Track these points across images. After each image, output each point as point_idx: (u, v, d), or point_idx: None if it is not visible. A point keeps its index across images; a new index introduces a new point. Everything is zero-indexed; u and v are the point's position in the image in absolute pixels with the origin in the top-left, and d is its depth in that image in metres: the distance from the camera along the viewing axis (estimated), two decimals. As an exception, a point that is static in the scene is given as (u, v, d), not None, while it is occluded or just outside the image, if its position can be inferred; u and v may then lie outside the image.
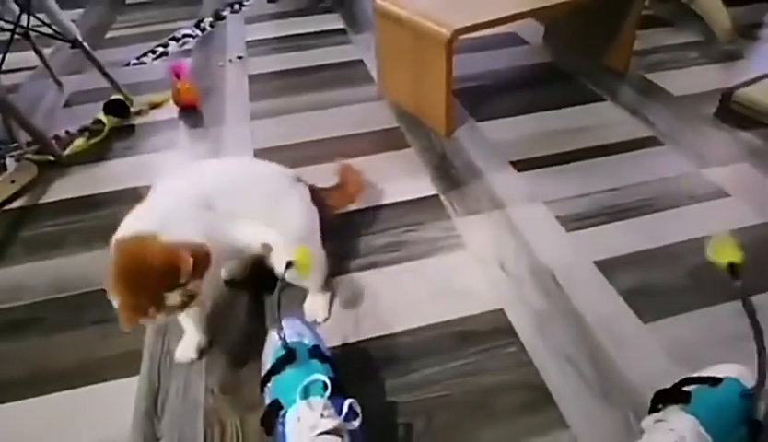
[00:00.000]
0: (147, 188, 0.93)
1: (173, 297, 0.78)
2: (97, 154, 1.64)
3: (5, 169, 1.49)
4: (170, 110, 1.83)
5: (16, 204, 1.46)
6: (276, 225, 0.96)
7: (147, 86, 1.99)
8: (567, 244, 1.18)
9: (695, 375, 0.78)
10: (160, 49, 2.34)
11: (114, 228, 0.84)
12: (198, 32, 2.50)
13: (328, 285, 1.10)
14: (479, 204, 1.31)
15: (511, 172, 1.41)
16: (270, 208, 0.96)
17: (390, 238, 1.23)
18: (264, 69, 2.08)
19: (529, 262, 1.14)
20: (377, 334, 1.01)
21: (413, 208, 1.31)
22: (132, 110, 1.81)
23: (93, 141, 1.69)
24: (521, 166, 1.43)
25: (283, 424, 0.74)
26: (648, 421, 0.75)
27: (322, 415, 0.71)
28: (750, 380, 0.73)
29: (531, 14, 1.55)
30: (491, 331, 1.00)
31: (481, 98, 1.75)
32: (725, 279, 0.79)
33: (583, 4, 1.63)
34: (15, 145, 1.61)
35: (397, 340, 1.00)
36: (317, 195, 1.08)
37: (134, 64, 2.23)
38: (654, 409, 0.77)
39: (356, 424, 0.73)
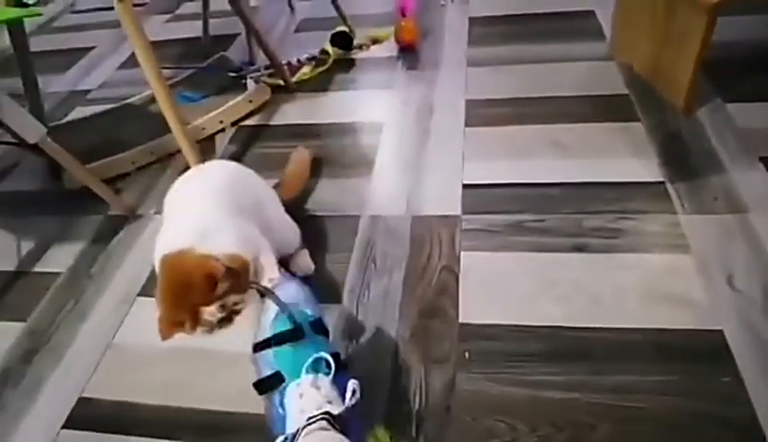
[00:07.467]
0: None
1: (210, 312, 0.78)
2: (320, 83, 1.76)
3: (246, 89, 1.66)
4: (390, 48, 1.86)
5: (250, 122, 1.64)
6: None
7: (368, 19, 2.05)
8: (822, 270, 0.99)
9: None
10: (385, -20, 2.37)
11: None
12: (422, -35, 2.47)
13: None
14: (714, 204, 1.15)
15: (760, 170, 1.21)
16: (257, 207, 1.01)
17: (604, 222, 1.14)
18: (486, 12, 2.01)
19: (765, 282, 0.99)
20: (574, 325, 0.97)
21: (633, 193, 1.20)
22: (354, 43, 1.88)
23: (318, 70, 1.80)
24: (776, 165, 1.21)
25: (281, 394, 0.73)
26: None
27: (329, 401, 0.69)
28: None
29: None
30: (704, 353, 0.90)
31: (735, 74, 1.48)
32: None
33: None
34: (254, 67, 1.79)
35: (595, 335, 0.95)
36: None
37: (359, -5, 2.29)
38: None
39: (353, 402, 0.70)
